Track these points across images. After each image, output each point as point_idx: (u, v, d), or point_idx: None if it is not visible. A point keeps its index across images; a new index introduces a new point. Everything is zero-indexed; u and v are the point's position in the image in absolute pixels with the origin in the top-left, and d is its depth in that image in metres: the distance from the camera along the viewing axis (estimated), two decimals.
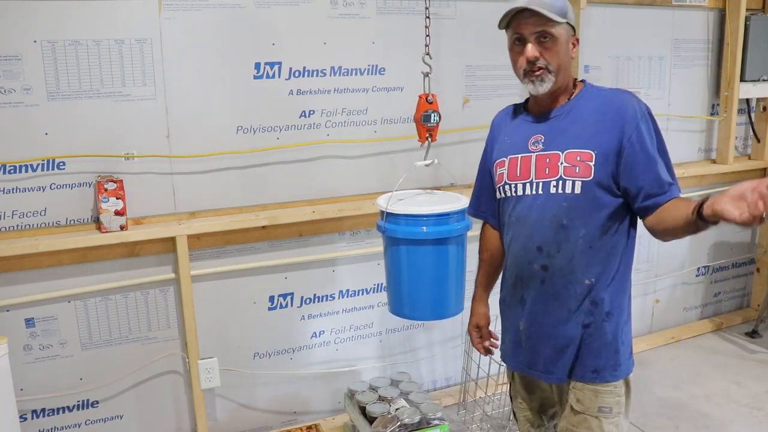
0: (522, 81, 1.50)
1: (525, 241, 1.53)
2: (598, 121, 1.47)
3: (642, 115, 1.46)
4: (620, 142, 1.44)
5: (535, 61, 1.45)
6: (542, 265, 1.51)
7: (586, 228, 1.47)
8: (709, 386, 2.95)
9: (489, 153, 1.68)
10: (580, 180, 1.45)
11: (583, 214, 1.47)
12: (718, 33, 3.31)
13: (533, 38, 1.45)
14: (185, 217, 2.33)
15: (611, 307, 1.52)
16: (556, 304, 1.52)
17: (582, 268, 1.49)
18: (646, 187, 1.44)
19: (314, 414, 2.70)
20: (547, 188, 1.48)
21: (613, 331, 1.53)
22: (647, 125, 1.46)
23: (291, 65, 2.39)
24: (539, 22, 1.43)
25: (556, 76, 1.47)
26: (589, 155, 1.45)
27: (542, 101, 1.54)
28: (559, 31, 1.45)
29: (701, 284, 3.65)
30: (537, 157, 1.51)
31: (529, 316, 1.57)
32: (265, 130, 2.40)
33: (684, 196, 1.48)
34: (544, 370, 1.57)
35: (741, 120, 3.48)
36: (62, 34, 2.06)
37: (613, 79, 3.06)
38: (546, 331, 1.55)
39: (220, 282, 2.43)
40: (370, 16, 2.48)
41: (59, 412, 2.28)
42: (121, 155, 2.21)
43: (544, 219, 1.49)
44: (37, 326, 2.19)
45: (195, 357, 2.37)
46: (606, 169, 1.44)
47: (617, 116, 1.45)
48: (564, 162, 1.46)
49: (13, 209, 2.11)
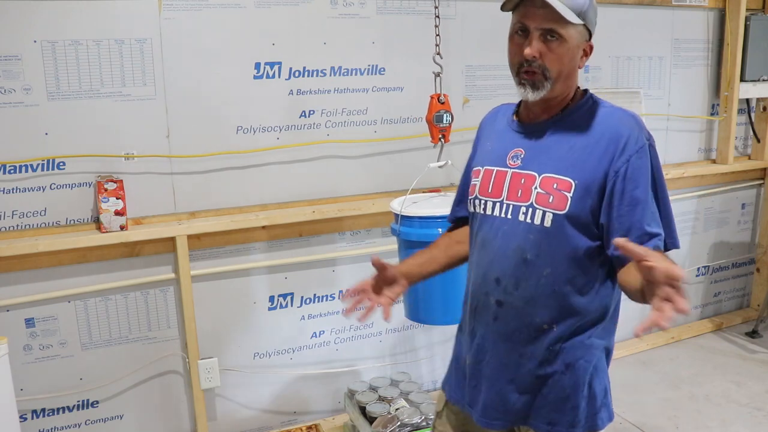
0: (514, 79, 1.29)
1: (485, 270, 1.33)
2: (588, 144, 1.25)
3: (640, 148, 1.22)
4: (606, 173, 1.22)
5: (532, 61, 1.22)
6: (497, 300, 1.31)
7: (552, 267, 1.26)
8: (709, 386, 2.95)
9: (472, 157, 1.49)
10: (552, 212, 1.24)
11: (551, 251, 1.25)
12: (718, 33, 3.31)
13: (538, 33, 1.22)
14: (185, 217, 2.33)
15: (573, 359, 1.30)
16: (507, 346, 1.32)
17: (541, 312, 1.28)
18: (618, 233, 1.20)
19: (314, 414, 2.70)
20: (516, 214, 1.28)
21: (573, 385, 1.31)
22: (644, 161, 1.23)
23: (291, 65, 2.39)
24: (550, 17, 1.20)
25: (554, 84, 1.24)
26: (568, 184, 1.23)
27: (532, 108, 1.33)
28: (570, 32, 1.22)
29: (701, 284, 3.65)
30: (513, 175, 1.31)
31: (477, 353, 1.37)
32: (265, 130, 2.40)
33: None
34: (483, 414, 1.36)
35: (741, 120, 3.48)
36: (62, 34, 2.05)
37: (613, 79, 3.07)
38: (493, 374, 1.34)
39: (220, 282, 2.43)
40: (370, 16, 2.47)
41: (59, 412, 2.28)
42: (121, 155, 2.21)
43: (508, 248, 1.29)
44: (37, 326, 2.19)
45: (195, 357, 2.37)
46: (584, 203, 1.23)
47: (611, 142, 1.23)
48: (538, 187, 1.26)
49: (13, 209, 2.11)
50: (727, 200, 3.60)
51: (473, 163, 1.45)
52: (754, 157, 3.60)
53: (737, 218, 3.68)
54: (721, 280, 3.73)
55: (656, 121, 3.22)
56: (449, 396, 1.48)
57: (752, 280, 3.78)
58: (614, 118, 1.28)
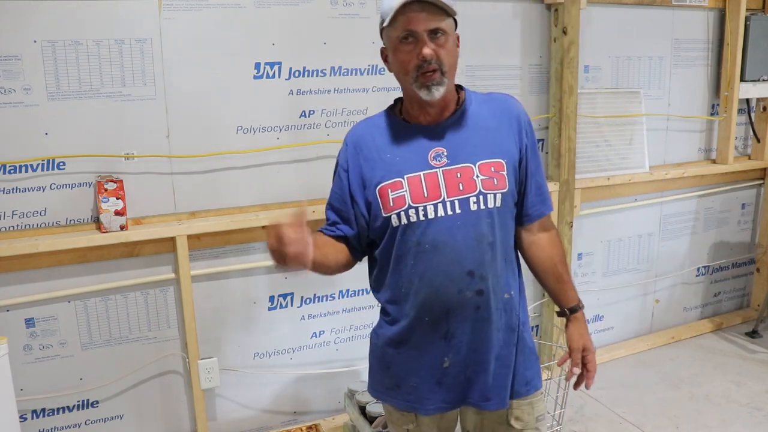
0: (412, 86, 1.32)
1: (450, 269, 1.34)
2: (497, 127, 1.40)
3: (530, 122, 1.45)
4: (519, 147, 1.41)
5: (430, 60, 1.28)
6: (477, 291, 1.36)
7: (505, 242, 1.41)
8: (709, 386, 2.95)
9: (356, 176, 1.42)
10: (500, 192, 1.36)
11: (503, 228, 1.39)
12: (718, 33, 3.31)
13: (426, 35, 1.29)
14: (185, 217, 2.33)
15: (524, 316, 1.48)
16: (489, 327, 1.39)
17: (506, 285, 1.41)
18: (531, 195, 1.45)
19: (314, 414, 2.70)
20: (466, 206, 1.34)
21: (530, 337, 1.50)
22: (533, 133, 1.46)
23: (291, 65, 2.39)
24: (432, 18, 1.28)
25: (449, 78, 1.33)
26: (501, 164, 1.37)
27: (433, 109, 1.38)
28: (449, 26, 1.32)
29: (701, 284, 3.65)
30: (444, 173, 1.34)
31: (459, 349, 1.40)
32: (265, 130, 2.40)
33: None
34: (481, 399, 1.42)
35: (741, 120, 3.48)
36: (62, 34, 2.05)
37: (612, 79, 3.07)
38: (482, 359, 1.40)
39: (220, 282, 2.43)
40: (370, 16, 2.47)
41: (59, 412, 2.28)
42: (121, 155, 2.21)
43: (470, 240, 1.34)
44: (37, 326, 2.19)
45: (195, 357, 2.37)
46: (514, 177, 1.40)
47: (512, 121, 1.41)
48: (480, 175, 1.35)
49: (13, 209, 2.11)
50: (727, 200, 3.60)
51: (373, 181, 1.38)
52: (754, 157, 3.60)
53: (737, 218, 3.68)
54: (721, 280, 3.73)
55: (656, 121, 3.22)
56: (430, 410, 1.45)
57: (752, 280, 3.78)
58: (500, 100, 1.46)
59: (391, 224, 1.37)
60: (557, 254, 1.50)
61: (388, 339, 1.46)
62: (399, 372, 1.46)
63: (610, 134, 3.08)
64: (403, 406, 1.48)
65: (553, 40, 2.82)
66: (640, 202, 3.26)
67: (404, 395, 1.47)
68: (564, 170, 2.88)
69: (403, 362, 1.45)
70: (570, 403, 2.74)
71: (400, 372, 1.46)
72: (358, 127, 1.50)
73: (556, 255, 1.50)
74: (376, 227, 1.41)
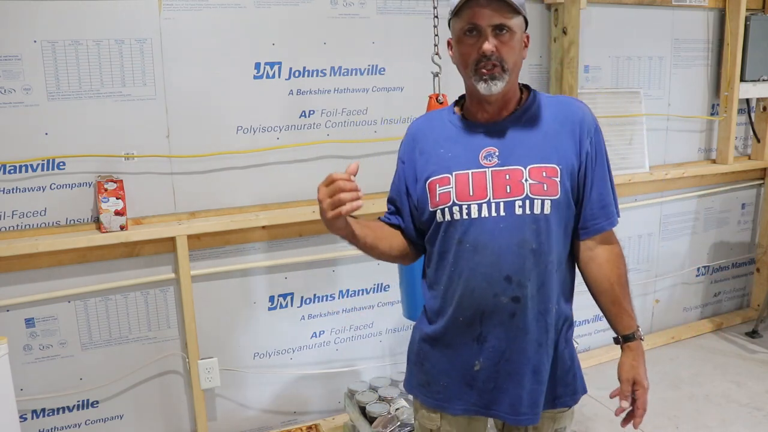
0: (471, 79, 1.31)
1: (488, 271, 1.31)
2: (558, 131, 1.34)
3: (596, 127, 1.38)
4: (579, 154, 1.34)
5: (490, 56, 1.26)
6: (513, 297, 1.32)
7: (553, 253, 1.33)
8: (709, 386, 2.95)
9: (411, 169, 1.43)
10: (549, 199, 1.30)
11: (551, 236, 1.32)
12: (718, 33, 3.31)
13: (490, 30, 1.26)
14: (185, 217, 2.33)
15: (569, 331, 1.42)
16: (527, 338, 1.34)
17: (552, 295, 1.35)
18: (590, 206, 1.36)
19: (314, 414, 2.70)
20: (511, 209, 1.30)
21: (571, 354, 1.42)
22: (601, 138, 1.38)
23: (291, 65, 2.39)
24: (497, 13, 1.26)
25: (511, 74, 1.30)
26: (554, 170, 1.31)
27: (491, 106, 1.35)
28: (516, 23, 1.29)
29: (701, 284, 3.66)
30: (493, 173, 1.31)
31: (492, 354, 1.36)
32: (265, 130, 2.40)
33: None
34: (511, 412, 1.37)
35: (741, 120, 3.48)
36: (62, 34, 2.06)
37: (613, 79, 3.07)
38: (515, 370, 1.36)
39: (221, 282, 2.43)
40: (370, 16, 2.47)
41: (59, 412, 2.28)
42: (121, 155, 2.21)
43: (511, 244, 1.30)
44: (37, 326, 2.19)
45: (195, 357, 2.37)
46: (570, 184, 1.33)
47: (575, 126, 1.34)
48: (529, 179, 1.30)
49: (13, 209, 2.11)
50: (727, 200, 3.60)
51: (424, 174, 1.39)
52: (754, 157, 3.60)
53: (737, 218, 3.68)
54: (721, 280, 3.73)
55: (656, 121, 3.22)
56: (459, 410, 1.43)
57: (752, 280, 3.78)
58: (565, 103, 1.40)
59: (435, 219, 1.37)
60: (616, 275, 1.39)
61: (425, 335, 1.45)
62: (431, 369, 1.45)
63: (610, 134, 3.08)
64: (432, 404, 1.46)
65: (553, 40, 2.82)
66: (640, 202, 3.26)
67: (433, 393, 1.45)
68: None
69: (436, 360, 1.44)
70: None
71: (432, 369, 1.45)
72: (419, 120, 1.50)
73: (614, 275, 1.39)
74: (424, 220, 1.41)
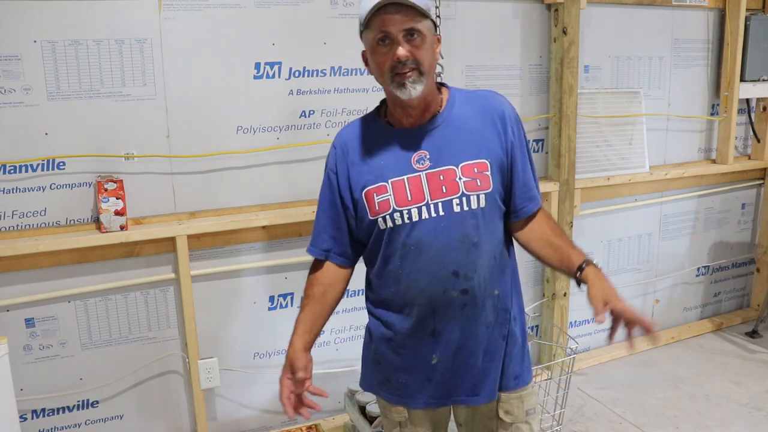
0: (390, 86, 1.33)
1: (435, 269, 1.38)
2: (482, 127, 1.40)
3: (517, 117, 1.44)
4: (504, 146, 1.40)
5: (405, 61, 1.30)
6: (462, 290, 1.39)
7: (491, 241, 1.41)
8: (709, 386, 2.95)
9: (344, 179, 1.45)
10: (483, 193, 1.37)
11: (488, 228, 1.40)
12: (718, 33, 3.31)
13: (402, 35, 1.30)
14: (185, 217, 2.33)
15: (516, 311, 1.50)
16: (476, 324, 1.42)
17: (494, 282, 1.43)
18: (518, 193, 1.44)
19: (314, 414, 2.69)
20: (449, 208, 1.36)
21: (521, 332, 1.51)
22: (521, 127, 1.44)
23: (291, 65, 2.39)
24: (408, 17, 1.29)
25: (428, 76, 1.33)
26: (485, 165, 1.38)
27: (414, 110, 1.39)
28: (426, 27, 1.32)
29: (701, 284, 3.66)
30: (428, 176, 1.37)
31: (447, 346, 1.43)
32: (265, 130, 2.40)
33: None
34: (470, 393, 1.47)
35: (741, 120, 3.48)
36: (62, 34, 2.06)
37: (612, 79, 3.07)
38: (470, 355, 1.44)
39: (221, 282, 2.43)
40: None
41: (59, 412, 2.28)
42: (121, 155, 2.21)
43: (453, 240, 1.37)
44: (37, 326, 2.19)
45: (195, 357, 2.37)
46: (500, 176, 1.40)
47: (497, 119, 1.41)
48: (462, 177, 1.36)
49: (13, 209, 2.11)
50: (727, 200, 3.60)
51: (359, 184, 1.42)
52: (754, 157, 3.60)
53: (737, 218, 3.68)
54: (721, 280, 3.73)
55: (656, 121, 3.22)
56: (420, 404, 1.50)
57: (752, 280, 3.78)
58: (485, 97, 1.46)
59: (377, 227, 1.41)
60: (548, 227, 1.48)
61: (379, 336, 1.50)
62: (389, 367, 1.50)
63: (610, 134, 3.08)
64: (393, 400, 1.53)
65: (553, 40, 2.82)
66: (640, 202, 3.26)
67: (394, 390, 1.51)
68: (564, 170, 2.88)
69: (392, 359, 1.49)
70: (570, 403, 2.74)
71: (389, 367, 1.50)
72: (344, 131, 1.51)
73: (547, 229, 1.47)
74: (363, 228, 1.45)
